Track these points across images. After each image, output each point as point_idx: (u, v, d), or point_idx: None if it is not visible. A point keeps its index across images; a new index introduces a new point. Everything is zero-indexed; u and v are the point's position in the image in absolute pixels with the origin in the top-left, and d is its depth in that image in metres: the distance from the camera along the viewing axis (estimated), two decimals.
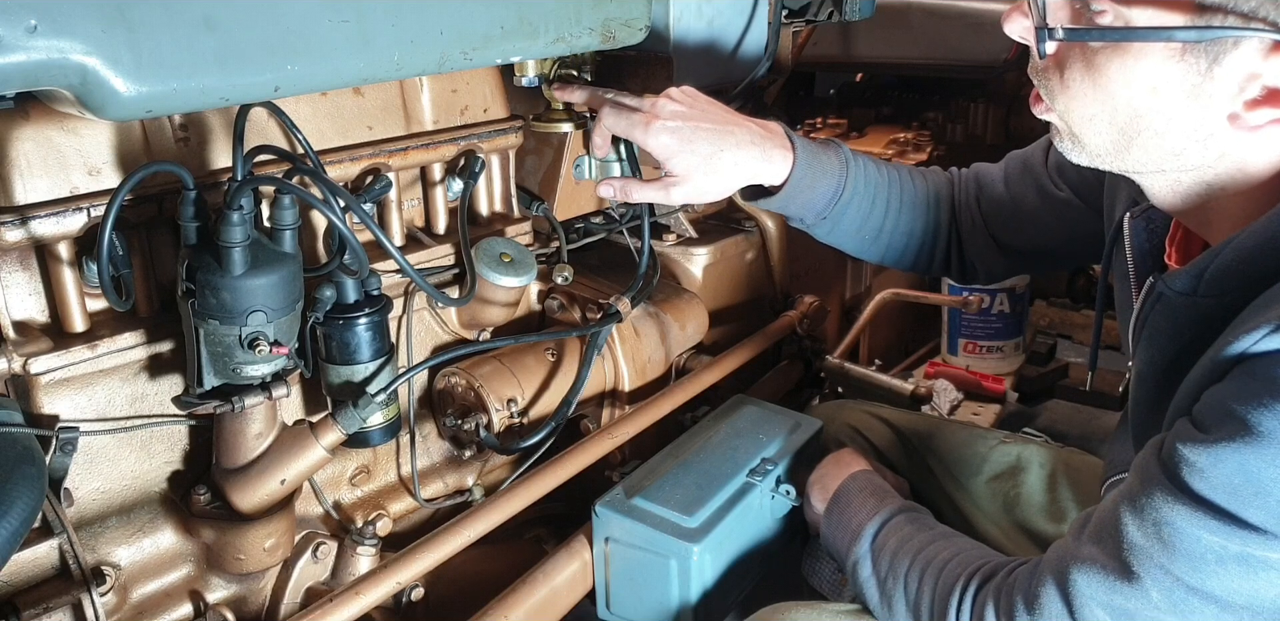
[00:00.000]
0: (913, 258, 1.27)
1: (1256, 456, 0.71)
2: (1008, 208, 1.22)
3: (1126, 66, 0.77)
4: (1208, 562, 0.75)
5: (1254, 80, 0.74)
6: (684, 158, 1.09)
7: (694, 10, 1.26)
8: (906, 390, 1.74)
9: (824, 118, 2.67)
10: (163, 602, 1.09)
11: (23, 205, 0.92)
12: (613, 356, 1.41)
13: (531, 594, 1.17)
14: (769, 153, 1.12)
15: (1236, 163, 0.80)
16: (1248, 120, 0.76)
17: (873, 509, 1.11)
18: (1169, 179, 0.84)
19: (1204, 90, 0.75)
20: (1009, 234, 1.23)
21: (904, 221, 1.24)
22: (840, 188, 1.17)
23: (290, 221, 0.98)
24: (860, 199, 1.19)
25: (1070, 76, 0.81)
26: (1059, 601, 0.84)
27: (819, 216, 1.19)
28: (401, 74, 0.93)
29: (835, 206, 1.18)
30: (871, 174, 1.21)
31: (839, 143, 1.22)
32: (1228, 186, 0.82)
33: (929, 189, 1.26)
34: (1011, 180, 1.22)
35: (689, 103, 1.12)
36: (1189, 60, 0.75)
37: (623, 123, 1.11)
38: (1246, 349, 0.73)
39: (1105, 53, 0.78)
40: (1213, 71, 0.74)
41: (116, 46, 0.72)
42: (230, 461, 1.05)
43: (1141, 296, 0.92)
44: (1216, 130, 0.77)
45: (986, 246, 1.26)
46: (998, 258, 1.26)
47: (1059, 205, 1.17)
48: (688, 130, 1.09)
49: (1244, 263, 0.78)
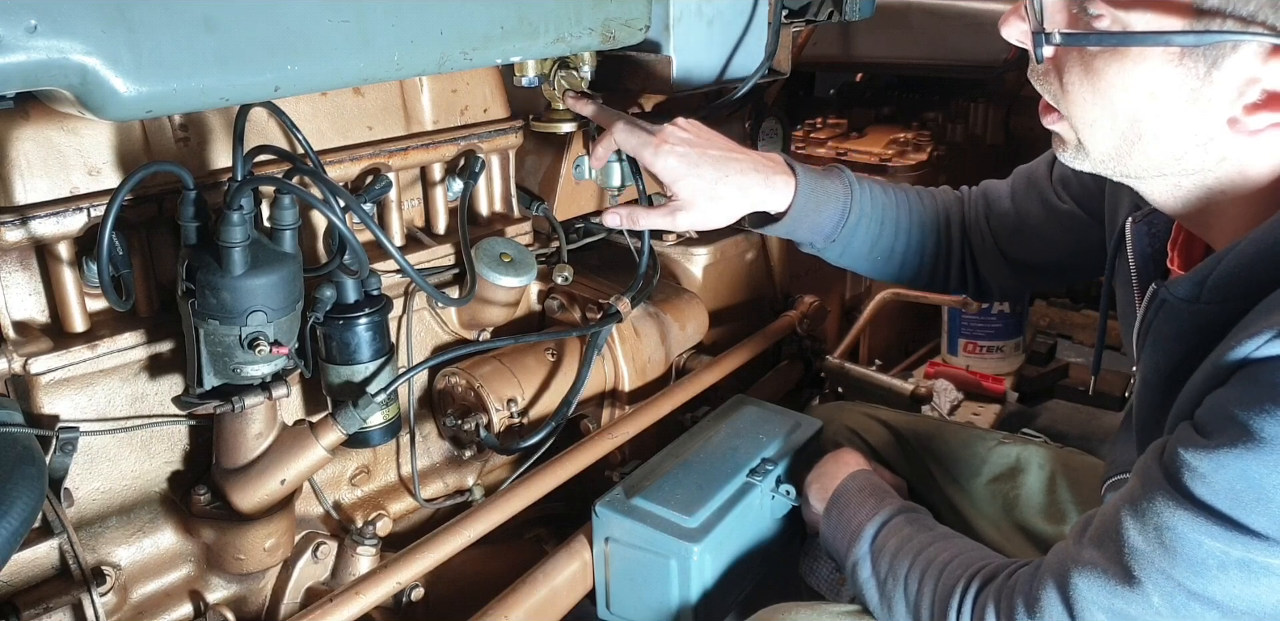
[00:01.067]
0: (928, 277, 1.29)
1: (1258, 462, 0.71)
2: (1014, 222, 1.24)
3: (1125, 71, 0.77)
4: (1209, 568, 0.75)
5: (1253, 84, 0.73)
6: (690, 181, 1.12)
7: (694, 10, 1.26)
8: (906, 390, 1.74)
9: (824, 118, 2.66)
10: (163, 602, 1.09)
11: (23, 205, 0.92)
12: (613, 356, 1.41)
13: (531, 594, 1.17)
14: (772, 179, 1.15)
15: (1237, 166, 0.79)
16: (1247, 124, 0.75)
17: (872, 509, 1.11)
18: (1170, 183, 0.84)
19: (1203, 94, 0.75)
20: (1016, 248, 1.25)
21: (915, 241, 1.26)
22: (846, 211, 1.20)
23: (290, 221, 0.98)
24: (868, 220, 1.22)
25: (1069, 81, 0.81)
26: (1059, 604, 0.84)
27: (828, 240, 1.21)
28: (401, 74, 0.93)
29: (843, 229, 1.20)
30: (878, 196, 1.24)
31: (842, 168, 1.25)
32: (1228, 190, 0.81)
33: (938, 208, 1.28)
34: (1018, 195, 1.24)
35: (695, 131, 1.17)
36: (1187, 64, 0.74)
37: (633, 141, 1.15)
38: (1248, 354, 0.73)
39: (1103, 57, 0.78)
40: (1211, 76, 0.74)
41: (116, 46, 0.72)
42: (230, 461, 1.05)
43: (1144, 303, 0.91)
44: (1216, 134, 0.77)
45: (997, 263, 1.27)
46: (1009, 273, 1.27)
47: (1063, 217, 1.18)
48: (694, 155, 1.13)
49: (1247, 269, 0.78)
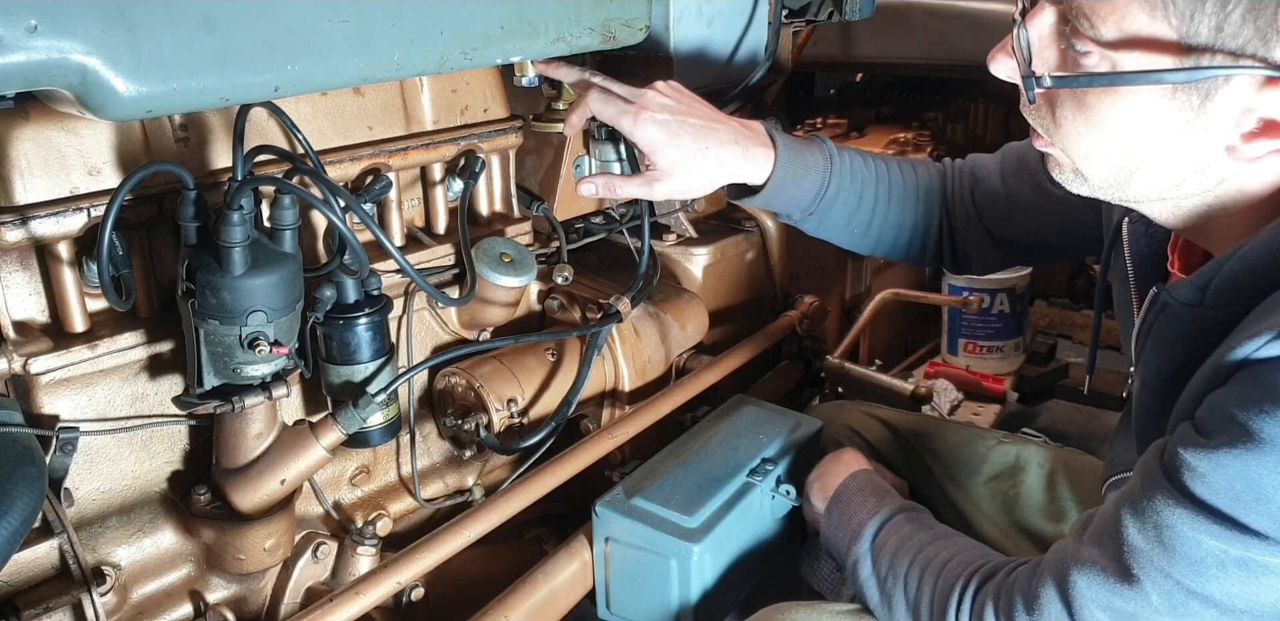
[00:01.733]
0: (903, 249, 1.28)
1: (1258, 462, 0.71)
2: (1003, 202, 1.22)
3: (1118, 106, 0.76)
4: (1208, 567, 0.75)
5: (1249, 113, 0.73)
6: (669, 151, 1.10)
7: (694, 10, 1.26)
8: (906, 390, 1.74)
9: (824, 118, 2.66)
10: (163, 602, 1.09)
11: (23, 205, 0.92)
12: (613, 356, 1.41)
13: (531, 594, 1.17)
14: (751, 151, 1.13)
15: (1236, 186, 0.79)
16: (1245, 152, 0.75)
17: (873, 508, 1.11)
18: (1170, 205, 0.84)
19: (1199, 125, 0.75)
20: (1004, 228, 1.24)
21: (893, 214, 1.25)
22: (824, 184, 1.18)
23: (290, 221, 0.98)
24: (846, 194, 1.20)
25: (1062, 115, 0.81)
26: (1059, 602, 0.84)
27: (805, 212, 1.20)
28: (401, 74, 0.93)
29: (820, 202, 1.19)
30: (858, 168, 1.22)
31: (823, 138, 1.23)
32: (1228, 207, 0.81)
33: (918, 181, 1.27)
34: (1008, 175, 1.22)
35: (676, 97, 1.12)
36: (1181, 98, 0.74)
37: (610, 109, 1.11)
38: (1248, 355, 0.73)
39: (1095, 93, 0.77)
40: (1206, 107, 0.73)
41: (116, 46, 0.72)
42: (230, 461, 1.05)
43: (1145, 306, 0.91)
44: (1215, 161, 0.77)
45: (981, 239, 1.26)
46: (992, 250, 1.26)
47: (1056, 202, 1.16)
48: (674, 124, 1.09)
49: (1250, 273, 0.78)
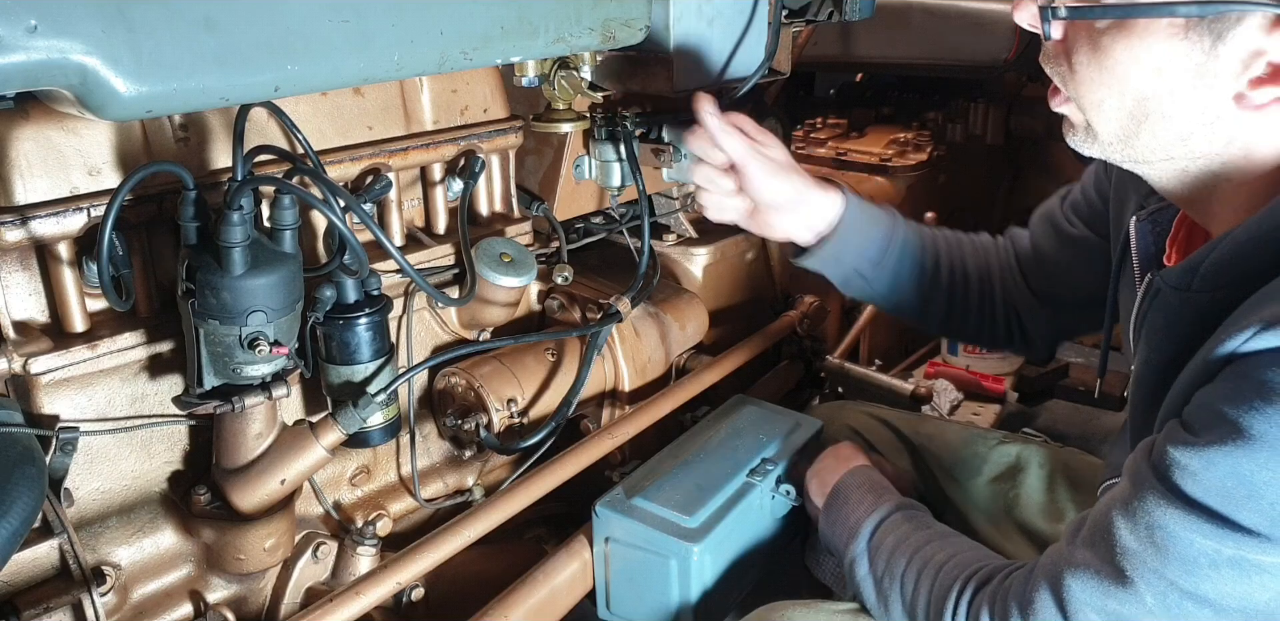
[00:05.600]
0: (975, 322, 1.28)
1: (1249, 459, 0.71)
2: (1035, 256, 1.25)
3: (1131, 47, 0.79)
4: (1201, 566, 0.75)
5: (1258, 57, 0.75)
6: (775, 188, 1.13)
7: (694, 10, 1.26)
8: (906, 390, 1.74)
9: (824, 118, 2.66)
10: (163, 602, 1.09)
11: (23, 205, 0.92)
12: (613, 356, 1.41)
13: (531, 594, 1.17)
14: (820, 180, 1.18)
15: (1243, 148, 0.81)
16: (1253, 99, 0.77)
17: (870, 506, 1.11)
18: (1177, 168, 0.85)
19: (1209, 69, 0.77)
20: (1040, 282, 1.24)
21: (958, 271, 1.26)
22: (891, 231, 1.21)
23: (290, 221, 0.98)
24: (913, 248, 1.22)
25: (1077, 60, 0.83)
26: (1053, 607, 0.84)
27: (874, 263, 1.20)
28: (401, 74, 0.93)
29: (889, 251, 1.20)
30: (914, 226, 1.25)
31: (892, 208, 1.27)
32: (1234, 176, 0.83)
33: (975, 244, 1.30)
34: (1036, 233, 1.25)
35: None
36: (1193, 38, 0.76)
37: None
38: (1236, 349, 0.73)
39: (1110, 34, 0.79)
40: (1217, 49, 0.76)
41: (116, 46, 0.72)
42: (230, 461, 1.05)
43: (1140, 293, 0.92)
44: (1223, 112, 0.79)
45: (1031, 304, 1.26)
46: (1044, 316, 1.25)
47: (1076, 242, 1.18)
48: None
49: (1239, 256, 0.79)
